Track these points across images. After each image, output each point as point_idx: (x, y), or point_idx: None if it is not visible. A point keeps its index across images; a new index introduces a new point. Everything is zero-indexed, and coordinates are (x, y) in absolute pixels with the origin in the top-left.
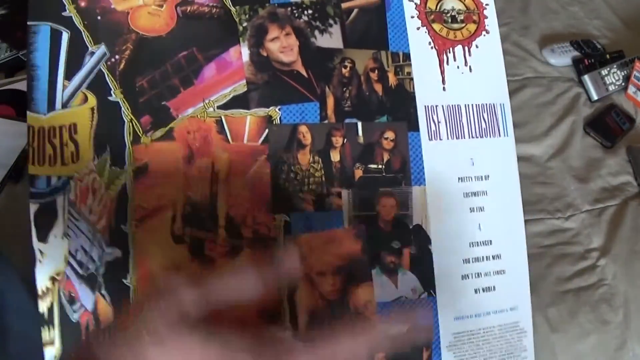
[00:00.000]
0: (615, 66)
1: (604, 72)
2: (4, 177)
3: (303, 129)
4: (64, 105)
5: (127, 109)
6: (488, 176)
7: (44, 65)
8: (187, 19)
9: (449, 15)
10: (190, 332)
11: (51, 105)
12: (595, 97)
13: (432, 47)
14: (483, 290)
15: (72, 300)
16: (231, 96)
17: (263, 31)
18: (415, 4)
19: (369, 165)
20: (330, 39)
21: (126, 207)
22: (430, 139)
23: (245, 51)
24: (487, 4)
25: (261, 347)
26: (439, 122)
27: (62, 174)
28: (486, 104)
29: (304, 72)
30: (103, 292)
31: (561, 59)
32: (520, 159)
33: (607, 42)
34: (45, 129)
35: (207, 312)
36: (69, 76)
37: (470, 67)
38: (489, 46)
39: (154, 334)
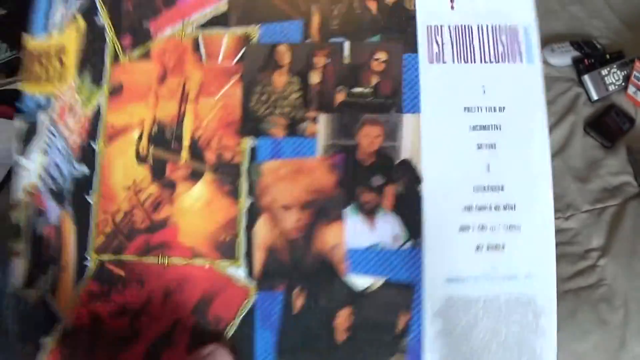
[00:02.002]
0: (615, 66)
1: (604, 72)
2: (4, 177)
3: (282, 48)
4: (57, 28)
5: (112, 30)
6: (503, 108)
7: None
8: None
9: None
10: None
11: (46, 28)
12: (595, 97)
13: None
14: (488, 248)
15: (40, 213)
16: (211, 15)
17: None
18: None
19: (354, 89)
20: None
21: (98, 125)
22: (432, 62)
23: None
24: None
25: None
26: (443, 43)
27: (47, 92)
28: (506, 25)
29: None
30: (67, 207)
31: (561, 59)
32: None
33: (607, 42)
34: (38, 49)
35: None
36: (64, 1)
37: None
38: None
39: None
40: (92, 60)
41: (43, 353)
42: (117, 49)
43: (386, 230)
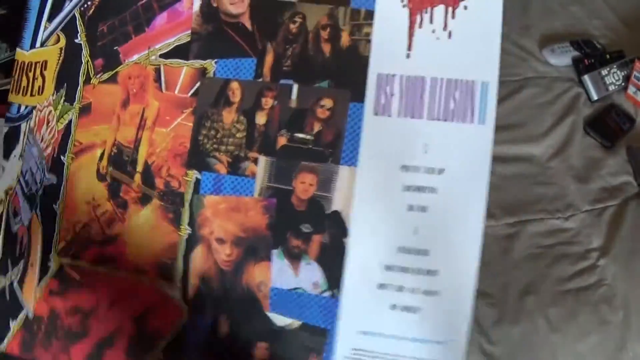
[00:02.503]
0: (615, 66)
1: (604, 72)
2: None
3: (234, 85)
4: (42, 44)
5: (87, 51)
6: (443, 170)
7: (35, 7)
8: None
9: None
10: None
11: (33, 43)
12: (595, 97)
13: (404, 5)
14: (403, 309)
15: (15, 213)
16: (174, 45)
17: None
18: None
19: (296, 134)
20: None
21: (68, 140)
22: (377, 114)
23: (196, 1)
24: None
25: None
26: (391, 94)
27: (29, 104)
28: (461, 81)
29: (248, 26)
30: (37, 211)
31: (561, 59)
32: (520, 159)
33: (607, 42)
34: (26, 63)
35: None
36: (50, 18)
37: (450, 32)
38: (484, 8)
39: None
40: (68, 79)
41: (10, 334)
42: (89, 70)
43: (308, 276)
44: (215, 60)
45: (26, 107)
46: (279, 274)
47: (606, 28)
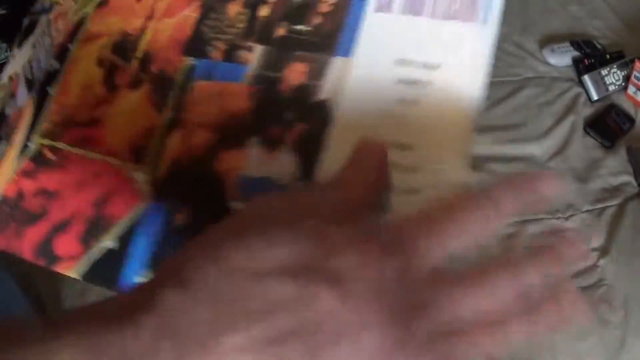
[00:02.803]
0: (615, 66)
1: (604, 72)
2: None
3: None
4: None
5: None
6: (439, 65)
7: None
8: None
9: None
10: None
11: None
12: (595, 97)
13: None
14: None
15: (12, 96)
16: None
17: None
18: None
19: (295, 26)
20: None
21: (79, 30)
22: (378, 10)
23: None
24: None
25: None
26: None
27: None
28: None
29: None
30: (33, 94)
31: (561, 59)
32: (520, 159)
33: (607, 42)
34: None
35: None
36: None
37: None
38: None
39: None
40: None
41: None
42: None
43: (282, 165)
44: None
45: (50, 2)
46: (252, 162)
47: (606, 28)
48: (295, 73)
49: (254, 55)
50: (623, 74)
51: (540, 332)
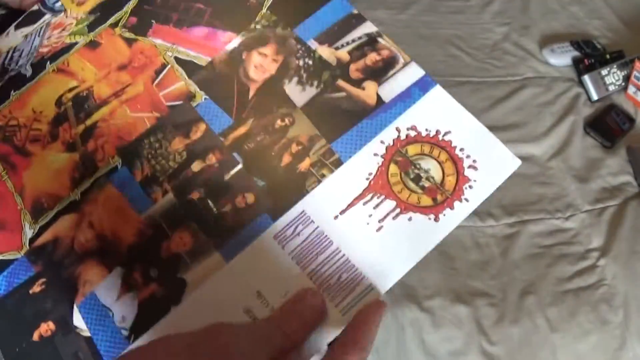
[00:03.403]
0: (615, 66)
1: (604, 72)
2: None
3: (202, 126)
4: None
5: (133, 5)
6: None
7: None
8: None
9: (415, 171)
10: None
11: None
12: (595, 97)
13: (366, 179)
14: None
15: None
16: (190, 60)
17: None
18: (388, 143)
19: (209, 200)
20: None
21: (62, 55)
22: (274, 238)
23: (233, 44)
24: (471, 185)
25: None
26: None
27: (65, 6)
28: (362, 279)
29: (251, 94)
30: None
31: (561, 59)
32: (520, 159)
33: (607, 42)
34: None
35: None
36: None
37: (381, 228)
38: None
39: None
40: (103, 12)
41: None
42: (121, 19)
43: (123, 308)
44: (206, 97)
45: (62, 5)
46: (105, 286)
47: (606, 28)
48: (180, 240)
49: (163, 200)
50: (623, 74)
51: None
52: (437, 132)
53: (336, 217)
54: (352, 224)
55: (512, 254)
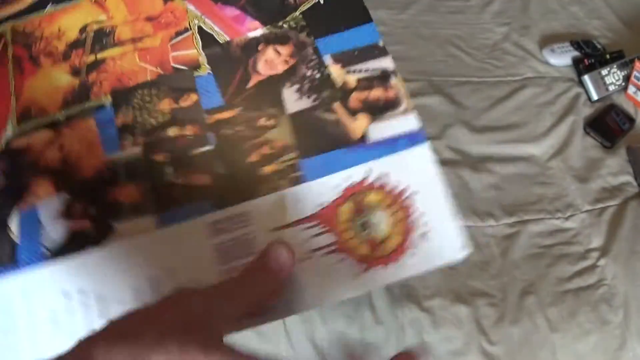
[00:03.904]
0: (615, 66)
1: (604, 72)
2: None
3: (193, 97)
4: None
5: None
6: None
7: None
8: None
9: (364, 218)
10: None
11: None
12: (595, 97)
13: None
14: None
15: None
16: (211, 34)
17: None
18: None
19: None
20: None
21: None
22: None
23: (257, 32)
24: (414, 253)
25: None
26: None
27: None
28: None
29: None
30: None
31: (561, 59)
32: (520, 159)
33: (607, 42)
34: None
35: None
36: None
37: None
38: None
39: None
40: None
41: None
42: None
43: (54, 233)
44: (209, 72)
45: None
46: (48, 205)
47: (606, 28)
48: (128, 192)
49: (130, 150)
50: (623, 74)
51: None
52: (406, 189)
53: (274, 229)
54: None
55: (512, 254)
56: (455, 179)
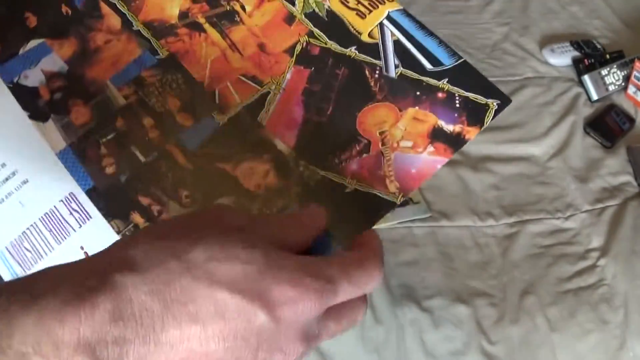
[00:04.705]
0: (615, 66)
1: (604, 72)
2: None
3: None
4: None
5: None
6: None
7: None
8: None
9: None
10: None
11: None
12: (595, 97)
13: None
14: None
15: None
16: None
17: None
18: None
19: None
20: None
21: None
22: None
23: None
24: None
25: None
26: None
27: None
28: None
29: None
30: None
31: (561, 59)
32: (520, 159)
33: (607, 42)
34: None
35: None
36: None
37: None
38: None
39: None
40: None
41: None
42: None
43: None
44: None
45: None
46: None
47: (606, 28)
48: (83, 113)
49: (121, 97)
50: (623, 74)
51: None
52: None
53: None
54: None
55: (512, 254)
56: (455, 179)
